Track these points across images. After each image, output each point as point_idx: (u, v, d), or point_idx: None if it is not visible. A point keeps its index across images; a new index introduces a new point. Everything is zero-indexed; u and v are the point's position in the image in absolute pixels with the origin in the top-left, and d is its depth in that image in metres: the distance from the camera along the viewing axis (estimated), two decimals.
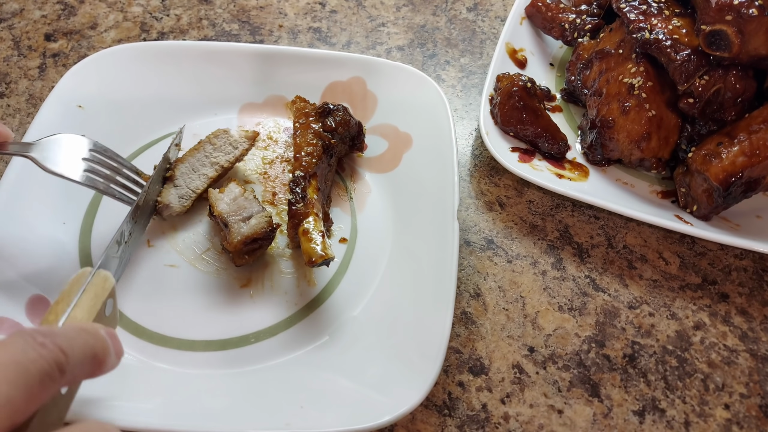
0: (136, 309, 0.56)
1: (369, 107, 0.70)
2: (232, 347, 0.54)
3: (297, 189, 0.58)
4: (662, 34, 0.64)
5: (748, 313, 0.61)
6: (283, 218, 0.62)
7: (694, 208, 0.64)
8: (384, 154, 0.68)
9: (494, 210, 0.67)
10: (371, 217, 0.64)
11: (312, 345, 0.54)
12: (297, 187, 0.58)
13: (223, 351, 0.54)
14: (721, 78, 0.62)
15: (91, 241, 0.60)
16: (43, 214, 0.59)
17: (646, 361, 0.57)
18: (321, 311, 0.57)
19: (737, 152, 0.61)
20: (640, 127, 0.64)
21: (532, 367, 0.56)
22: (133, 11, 0.85)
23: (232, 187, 0.60)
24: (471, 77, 0.81)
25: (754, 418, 0.54)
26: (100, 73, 0.68)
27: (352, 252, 0.61)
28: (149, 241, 0.60)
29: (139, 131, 0.68)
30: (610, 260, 0.64)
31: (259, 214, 0.57)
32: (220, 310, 0.56)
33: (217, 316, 0.56)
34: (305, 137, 0.62)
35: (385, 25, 0.86)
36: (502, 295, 0.61)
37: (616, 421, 0.54)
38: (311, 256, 0.53)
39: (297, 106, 0.66)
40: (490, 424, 0.53)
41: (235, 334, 0.55)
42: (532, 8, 0.80)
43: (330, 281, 0.59)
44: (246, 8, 0.87)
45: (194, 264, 0.59)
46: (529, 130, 0.69)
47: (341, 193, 0.66)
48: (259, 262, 0.59)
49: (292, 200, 0.57)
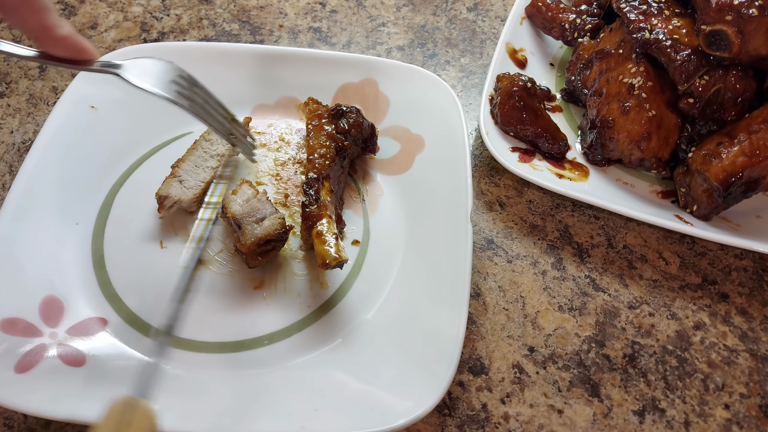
0: (149, 311, 0.56)
1: (381, 109, 0.70)
2: (245, 349, 0.54)
3: (310, 191, 0.58)
4: (662, 34, 0.64)
5: (748, 313, 0.61)
6: (295, 220, 0.62)
7: (694, 208, 0.64)
8: (396, 156, 0.68)
9: (494, 210, 0.67)
10: (384, 219, 0.64)
11: (325, 347, 0.54)
12: (310, 189, 0.58)
13: (237, 353, 0.54)
14: (721, 78, 0.62)
15: (104, 242, 0.60)
16: (56, 215, 0.59)
17: (646, 361, 0.57)
18: (334, 313, 0.57)
19: (737, 152, 0.61)
20: (640, 127, 0.64)
21: (532, 367, 0.56)
22: (134, 11, 0.85)
23: (245, 188, 0.60)
24: (471, 77, 0.81)
25: (754, 418, 0.54)
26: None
27: (365, 254, 0.61)
28: (162, 243, 0.60)
29: (152, 132, 0.68)
30: (610, 260, 0.64)
31: (273, 216, 0.57)
32: (234, 311, 0.56)
33: (230, 318, 0.56)
34: (318, 139, 0.62)
35: (386, 25, 0.86)
36: (502, 295, 0.61)
37: (616, 421, 0.54)
38: (325, 259, 0.53)
39: (309, 108, 0.66)
40: (490, 424, 0.53)
41: (249, 336, 0.55)
42: (532, 8, 0.80)
43: (343, 283, 0.59)
44: (246, 8, 0.87)
45: (207, 265, 0.59)
46: (529, 130, 0.69)
47: (353, 195, 0.66)
48: (272, 264, 0.59)
49: (305, 202, 0.58)
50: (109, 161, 0.65)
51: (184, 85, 0.51)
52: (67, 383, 0.49)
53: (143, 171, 0.65)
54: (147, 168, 0.65)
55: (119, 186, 0.64)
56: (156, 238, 0.60)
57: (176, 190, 0.60)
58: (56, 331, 0.52)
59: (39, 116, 0.73)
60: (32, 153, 0.61)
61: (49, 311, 0.53)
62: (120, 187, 0.64)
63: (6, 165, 0.68)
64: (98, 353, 0.52)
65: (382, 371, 0.52)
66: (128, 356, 0.52)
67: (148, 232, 0.61)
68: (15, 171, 0.67)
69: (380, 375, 0.51)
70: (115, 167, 0.65)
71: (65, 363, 0.50)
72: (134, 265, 0.58)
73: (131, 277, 0.58)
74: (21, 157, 0.68)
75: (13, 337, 0.51)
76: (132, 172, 0.65)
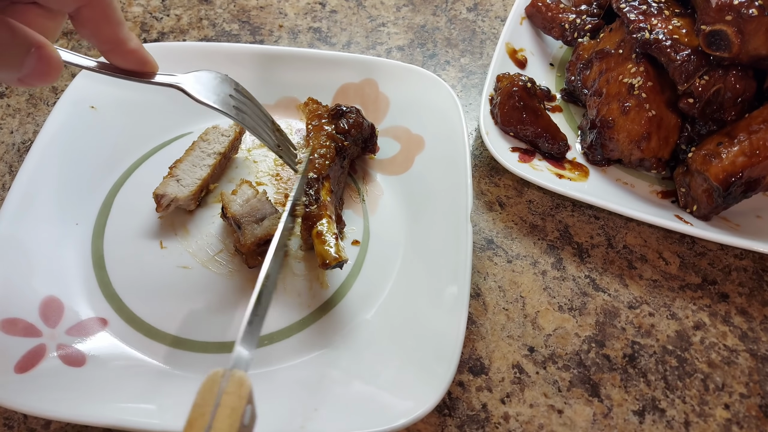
0: (150, 311, 0.56)
1: (381, 109, 0.70)
2: None
3: (310, 191, 0.58)
4: (662, 34, 0.64)
5: (748, 313, 0.61)
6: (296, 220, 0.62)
7: (694, 208, 0.64)
8: (396, 156, 0.68)
9: (494, 210, 0.67)
10: (384, 219, 0.64)
11: (326, 347, 0.54)
12: (310, 189, 0.58)
13: None
14: (721, 78, 0.62)
15: (104, 242, 0.60)
16: (56, 215, 0.59)
17: (646, 361, 0.57)
18: (334, 313, 0.57)
19: (737, 152, 0.61)
20: (640, 127, 0.64)
21: (532, 367, 0.56)
22: (134, 11, 0.85)
23: (245, 188, 0.60)
24: (471, 77, 0.81)
25: (754, 418, 0.54)
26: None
27: (365, 254, 0.61)
28: (162, 243, 0.60)
29: (152, 132, 0.68)
30: (610, 260, 0.64)
31: (273, 216, 0.57)
32: (233, 312, 0.56)
33: (230, 318, 0.56)
34: (318, 139, 0.62)
35: (385, 25, 0.86)
36: (502, 295, 0.61)
37: (616, 421, 0.54)
38: (325, 259, 0.53)
39: (309, 108, 0.66)
40: (490, 424, 0.53)
41: None
42: (532, 8, 0.80)
43: (343, 283, 0.59)
44: (246, 8, 0.87)
45: (207, 266, 0.59)
46: (529, 130, 0.69)
47: (353, 195, 0.66)
48: None
49: (305, 202, 0.58)
50: (109, 161, 0.65)
51: (240, 99, 0.53)
52: (67, 383, 0.49)
53: (143, 171, 0.65)
54: (147, 168, 0.65)
55: (119, 186, 0.64)
56: (156, 238, 0.60)
57: (173, 188, 0.60)
58: (56, 331, 0.52)
59: (39, 116, 0.73)
60: (32, 153, 0.61)
61: (49, 311, 0.53)
62: (120, 188, 0.64)
63: (6, 165, 0.68)
64: (98, 353, 0.52)
65: (382, 371, 0.52)
66: (128, 356, 0.52)
67: (148, 232, 0.61)
68: (15, 171, 0.67)
69: (380, 375, 0.51)
70: (115, 167, 0.65)
71: (65, 363, 0.50)
72: (134, 265, 0.58)
73: (131, 277, 0.58)
74: (21, 157, 0.68)
75: (13, 337, 0.51)
76: (132, 172, 0.65)
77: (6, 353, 0.50)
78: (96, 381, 0.50)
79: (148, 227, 0.61)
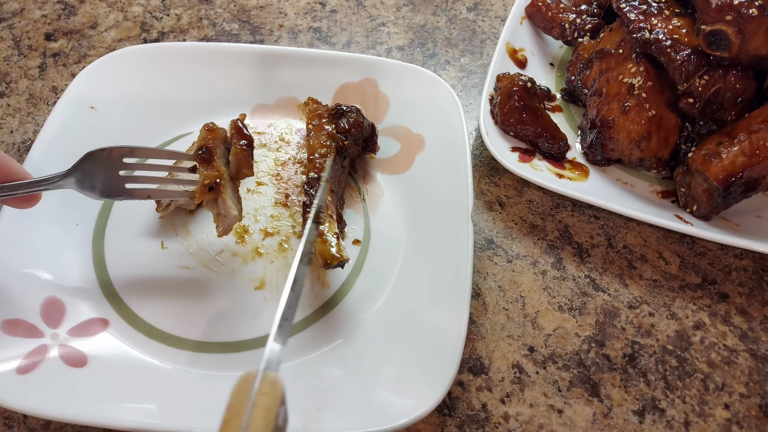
0: (151, 312, 0.56)
1: (381, 109, 0.70)
2: (247, 349, 0.54)
3: (311, 191, 0.58)
4: (662, 34, 0.64)
5: (748, 313, 0.61)
6: (296, 220, 0.62)
7: (694, 208, 0.64)
8: (397, 155, 0.68)
9: (494, 210, 0.67)
10: (384, 218, 0.64)
11: (327, 347, 0.54)
12: (311, 189, 0.58)
13: (238, 353, 0.54)
14: (721, 78, 0.62)
15: (104, 242, 0.60)
16: (56, 216, 0.59)
17: (646, 360, 0.57)
18: (335, 313, 0.57)
19: (737, 152, 0.61)
20: (640, 127, 0.64)
21: (532, 366, 0.56)
22: (134, 11, 0.85)
23: None
24: (471, 77, 0.81)
25: (754, 418, 0.54)
26: (112, 74, 0.68)
27: (366, 254, 0.61)
28: (163, 243, 0.60)
29: (152, 133, 0.68)
30: (610, 260, 0.64)
31: None
32: (235, 312, 0.56)
33: (231, 318, 0.56)
34: (319, 139, 0.62)
35: (385, 24, 0.86)
36: (502, 295, 0.61)
37: (616, 420, 0.54)
38: (326, 258, 0.53)
39: (309, 108, 0.66)
40: (490, 424, 0.53)
41: (250, 336, 0.55)
42: (532, 8, 0.80)
43: (344, 283, 0.59)
44: (246, 8, 0.87)
45: (208, 266, 0.59)
46: (529, 130, 0.69)
47: (354, 194, 0.66)
48: (273, 264, 0.59)
49: (306, 202, 0.58)
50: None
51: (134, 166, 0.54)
52: (68, 384, 0.49)
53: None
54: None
55: None
56: (157, 238, 0.60)
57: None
58: (57, 332, 0.52)
59: (39, 116, 0.73)
60: (32, 153, 0.61)
61: (50, 312, 0.53)
62: None
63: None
64: (99, 354, 0.52)
65: (383, 371, 0.52)
66: (129, 357, 0.52)
67: (148, 233, 0.61)
68: None
69: (382, 374, 0.52)
70: None
71: (66, 364, 0.50)
72: (135, 265, 0.58)
73: (132, 278, 0.58)
74: (21, 157, 0.68)
75: (14, 338, 0.51)
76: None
77: (7, 354, 0.50)
78: (97, 381, 0.50)
79: (148, 227, 0.61)
